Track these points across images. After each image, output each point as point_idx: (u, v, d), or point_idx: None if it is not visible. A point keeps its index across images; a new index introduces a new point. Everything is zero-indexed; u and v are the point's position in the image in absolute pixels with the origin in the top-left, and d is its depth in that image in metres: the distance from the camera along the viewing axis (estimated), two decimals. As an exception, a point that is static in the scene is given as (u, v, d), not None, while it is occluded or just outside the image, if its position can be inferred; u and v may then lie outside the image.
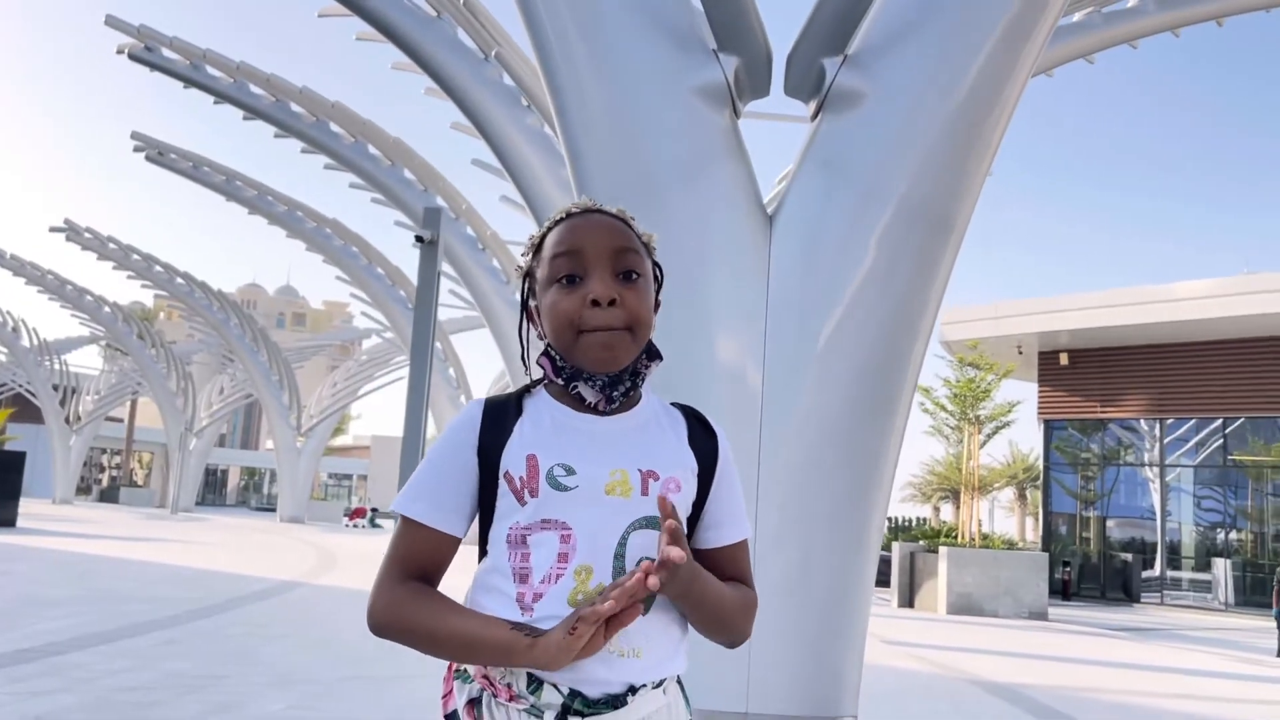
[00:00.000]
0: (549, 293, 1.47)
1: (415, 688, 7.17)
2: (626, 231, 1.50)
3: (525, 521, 1.41)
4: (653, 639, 1.40)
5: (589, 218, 1.50)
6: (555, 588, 1.38)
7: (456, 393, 30.33)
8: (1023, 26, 5.48)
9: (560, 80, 5.95)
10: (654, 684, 1.40)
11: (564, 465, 1.41)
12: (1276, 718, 8.44)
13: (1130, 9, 13.73)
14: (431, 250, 10.12)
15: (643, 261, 1.49)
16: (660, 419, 1.54)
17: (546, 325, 1.48)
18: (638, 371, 1.49)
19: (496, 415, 1.49)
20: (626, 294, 1.44)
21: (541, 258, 1.51)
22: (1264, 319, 20.53)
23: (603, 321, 1.42)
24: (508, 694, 1.37)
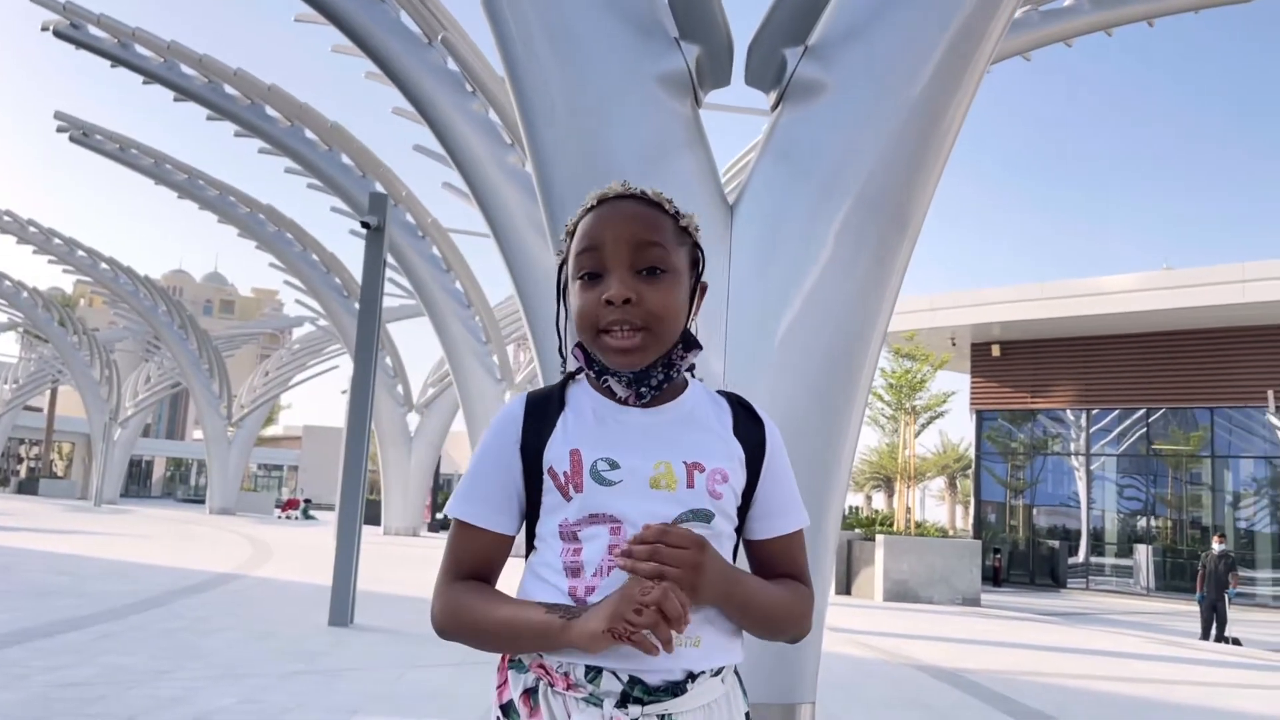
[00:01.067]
0: (574, 287, 1.44)
1: (366, 680, 7.08)
2: (652, 222, 1.43)
3: (574, 517, 1.40)
4: (710, 627, 1.39)
5: (615, 207, 1.43)
6: (608, 580, 1.37)
7: (394, 382, 29.94)
8: (980, 19, 5.56)
9: (520, 67, 5.89)
10: (713, 672, 1.39)
11: (608, 459, 1.40)
12: (1203, 697, 8.75)
13: (1066, 8, 14.03)
14: (378, 237, 9.97)
15: (668, 255, 1.42)
16: (705, 408, 1.50)
17: (573, 320, 1.45)
18: (671, 363, 1.45)
19: (539, 410, 1.47)
20: (646, 291, 1.38)
21: (572, 248, 1.47)
22: (1183, 313, 21.19)
23: (618, 320, 1.38)
24: (565, 683, 1.35)
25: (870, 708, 7.13)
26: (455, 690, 6.91)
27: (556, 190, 5.86)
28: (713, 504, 1.41)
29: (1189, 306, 20.79)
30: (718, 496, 1.42)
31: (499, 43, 5.95)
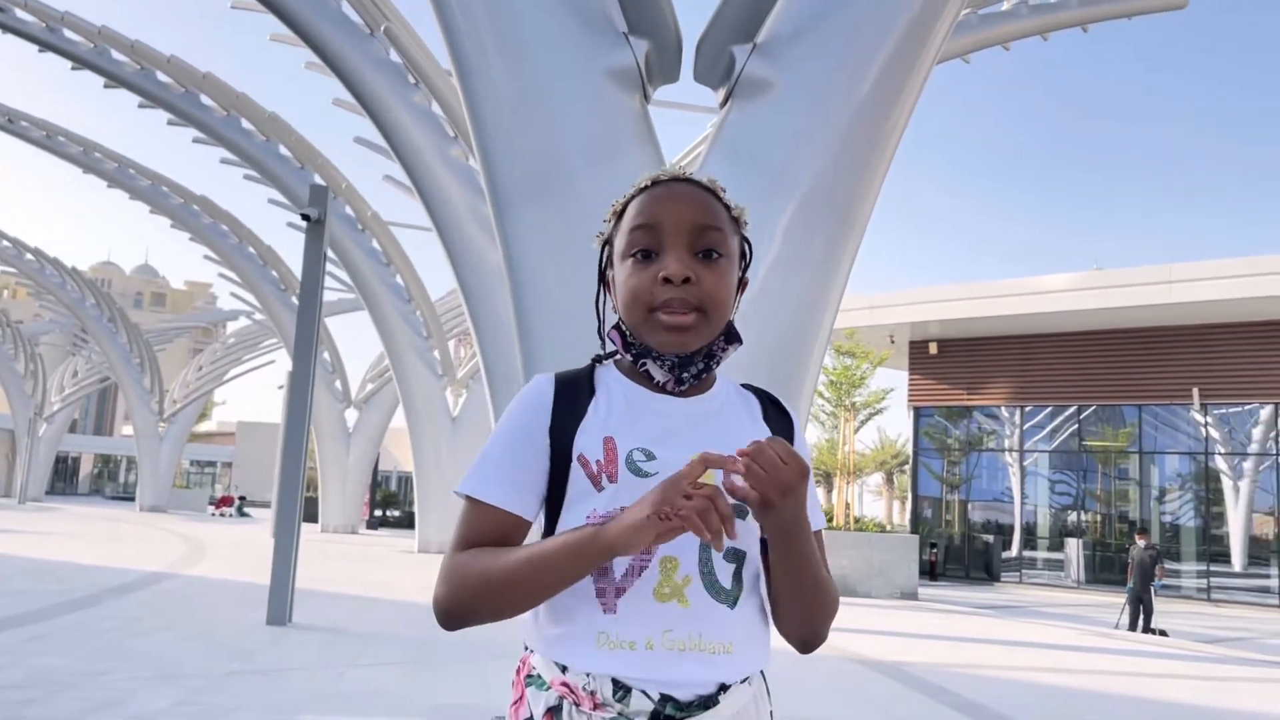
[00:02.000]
0: (624, 266, 1.40)
1: (306, 679, 6.97)
2: (712, 206, 1.41)
3: (604, 509, 1.33)
4: (742, 634, 1.34)
5: (673, 188, 1.41)
6: (640, 580, 1.31)
7: (332, 377, 29.50)
8: (925, 20, 5.65)
9: (467, 60, 5.85)
10: (742, 679, 1.34)
11: (643, 450, 1.34)
12: (1132, 687, 8.98)
13: (1005, 12, 14.28)
14: (318, 229, 9.80)
15: (726, 240, 1.40)
16: (735, 402, 1.47)
17: (619, 299, 1.42)
18: (712, 354, 1.41)
19: (569, 393, 1.41)
20: (703, 273, 1.36)
21: (620, 227, 1.43)
22: (1113, 312, 21.70)
23: (675, 299, 1.34)
24: (591, 702, 1.28)
25: (812, 701, 7.20)
26: (399, 689, 6.83)
27: (504, 184, 5.83)
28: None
29: (1118, 306, 21.30)
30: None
31: (446, 35, 5.90)
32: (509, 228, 5.78)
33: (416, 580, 15.10)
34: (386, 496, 42.25)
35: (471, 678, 7.40)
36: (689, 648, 1.29)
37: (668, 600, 1.30)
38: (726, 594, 1.33)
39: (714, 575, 1.33)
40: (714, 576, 1.33)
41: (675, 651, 1.29)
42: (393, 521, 38.18)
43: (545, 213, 5.68)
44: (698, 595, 1.31)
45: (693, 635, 1.30)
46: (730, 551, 1.34)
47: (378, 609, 11.34)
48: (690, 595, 1.31)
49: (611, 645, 1.29)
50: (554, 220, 5.68)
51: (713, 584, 1.33)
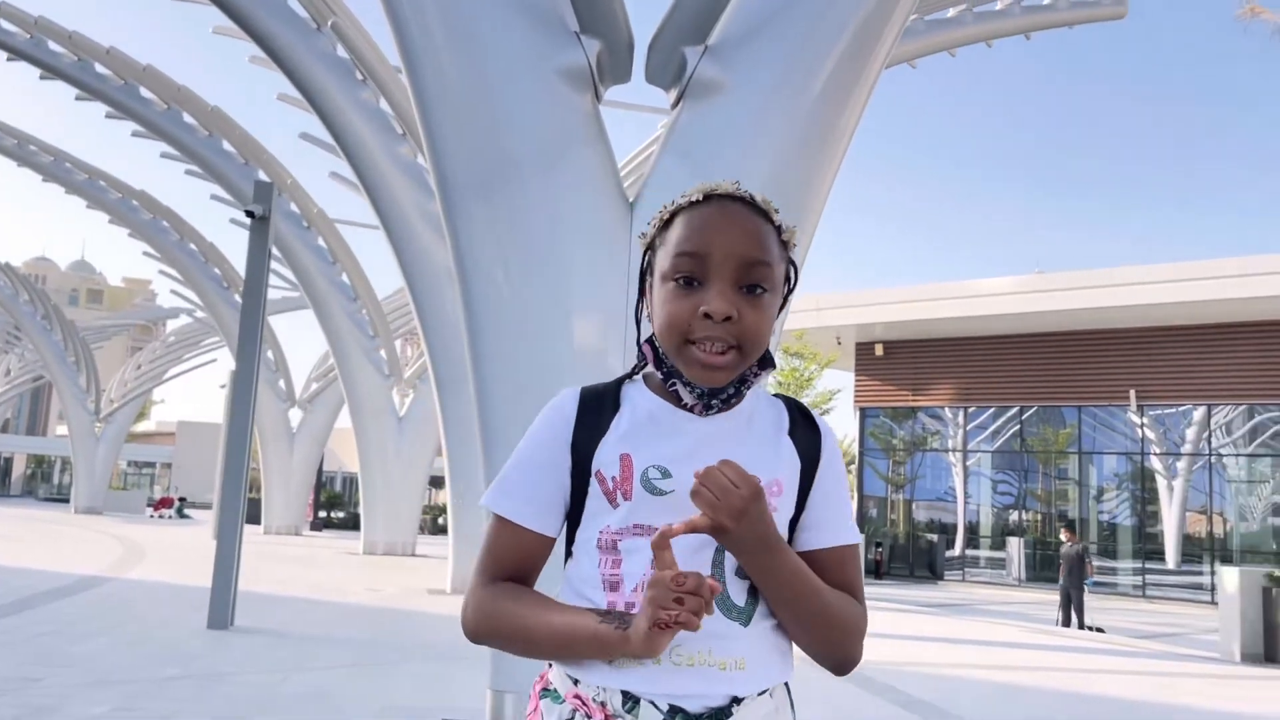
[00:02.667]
0: (665, 288, 1.35)
1: (248, 684, 6.85)
2: (763, 237, 1.34)
3: (617, 526, 1.33)
4: (756, 650, 1.33)
5: (725, 211, 1.34)
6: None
7: (275, 376, 29.03)
8: (875, 24, 5.69)
9: (417, 57, 5.77)
10: (759, 692, 1.32)
11: (660, 468, 1.33)
12: (1073, 683, 9.15)
13: (950, 19, 14.48)
14: (262, 226, 9.64)
15: (772, 274, 1.35)
16: (764, 413, 1.44)
17: (655, 320, 1.37)
18: (744, 379, 1.38)
19: (592, 408, 1.39)
20: (745, 310, 1.31)
21: (666, 240, 1.37)
22: (1054, 315, 22.12)
23: (713, 336, 1.31)
24: (602, 713, 1.28)
25: (761, 700, 7.23)
26: (344, 692, 6.75)
27: (453, 182, 5.77)
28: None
29: (1059, 309, 21.72)
30: (773, 510, 1.34)
31: (395, 31, 5.83)
32: (458, 227, 5.72)
33: (362, 582, 14.93)
34: (331, 497, 41.72)
35: (419, 679, 7.32)
36: (698, 663, 1.29)
37: None
38: (740, 611, 1.33)
39: (726, 593, 1.33)
40: (726, 594, 1.33)
41: (685, 666, 1.29)
42: (337, 523, 37.69)
43: (495, 212, 5.63)
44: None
45: (702, 651, 1.30)
46: (743, 569, 1.33)
47: (323, 611, 11.19)
48: None
49: (620, 661, 1.29)
50: (504, 219, 5.64)
51: (724, 601, 1.32)
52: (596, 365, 5.52)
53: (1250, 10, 13.15)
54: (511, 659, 5.50)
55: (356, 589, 13.83)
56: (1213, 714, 7.97)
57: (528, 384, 5.60)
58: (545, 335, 5.58)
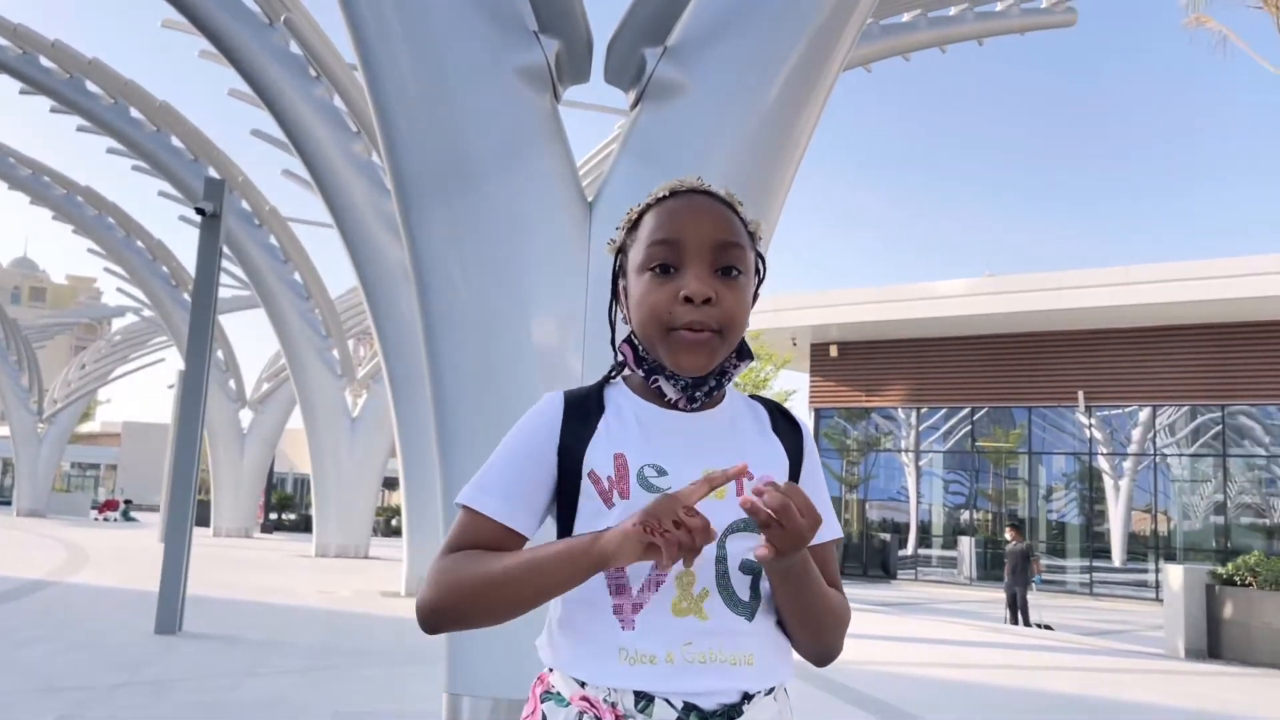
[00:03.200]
0: (641, 280, 1.36)
1: (198, 690, 6.74)
2: (733, 222, 1.38)
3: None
4: (762, 646, 1.34)
5: (693, 201, 1.38)
6: (658, 595, 1.30)
7: (225, 377, 28.59)
8: (833, 26, 5.73)
9: (374, 54, 5.71)
10: (766, 691, 1.33)
11: (655, 466, 1.33)
12: (1024, 680, 9.29)
13: (904, 24, 14.63)
14: (213, 224, 9.49)
15: (745, 256, 1.37)
16: (744, 415, 1.46)
17: (633, 314, 1.38)
18: (724, 371, 1.39)
19: (578, 411, 1.39)
20: (724, 292, 1.33)
21: (637, 237, 1.40)
22: (1005, 317, 22.44)
23: (695, 320, 1.31)
24: (613, 715, 1.26)
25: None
26: (299, 697, 6.66)
27: (411, 182, 5.71)
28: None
29: (1010, 312, 22.04)
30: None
31: (351, 29, 5.76)
32: (415, 227, 5.67)
33: (314, 584, 14.74)
34: (282, 499, 41.17)
35: (374, 683, 7.24)
36: (710, 660, 1.29)
37: (685, 615, 1.30)
38: (744, 606, 1.33)
39: (731, 588, 1.33)
40: (731, 590, 1.33)
41: (697, 664, 1.28)
42: (289, 525, 37.23)
43: (453, 212, 5.59)
44: (716, 609, 1.31)
45: (712, 648, 1.30)
46: (746, 564, 1.34)
47: (275, 615, 11.03)
48: (708, 609, 1.31)
49: (632, 660, 1.28)
50: (462, 220, 5.60)
51: (730, 597, 1.32)
52: (555, 366, 5.50)
53: (1196, 20, 13.45)
54: (469, 660, 5.46)
55: (309, 592, 13.66)
56: (1160, 709, 8.13)
57: (486, 385, 5.56)
58: (503, 336, 5.54)
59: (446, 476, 5.61)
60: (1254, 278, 18.90)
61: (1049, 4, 15.22)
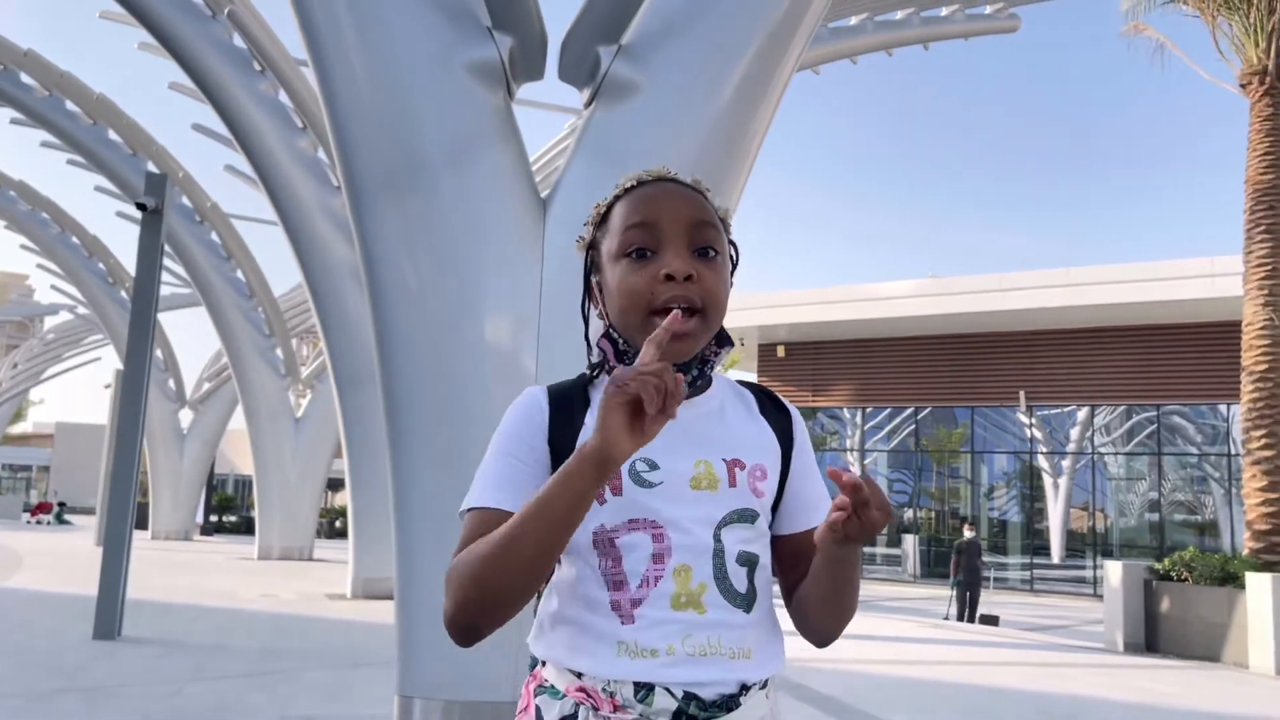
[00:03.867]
0: (617, 267, 1.35)
1: (139, 696, 6.58)
2: (705, 204, 1.37)
3: (611, 523, 1.30)
4: (758, 638, 1.32)
5: (664, 187, 1.37)
6: (656, 590, 1.28)
7: (165, 376, 28.00)
8: (787, 27, 5.75)
9: (324, 50, 5.62)
10: (760, 685, 1.32)
11: (645, 459, 1.30)
12: (971, 675, 9.43)
13: (853, 27, 14.77)
14: (155, 220, 9.28)
15: (721, 238, 1.37)
16: (733, 401, 1.44)
17: (612, 303, 1.36)
18: (706, 359, 1.38)
19: (564, 406, 1.36)
20: (704, 271, 1.32)
21: (608, 229, 1.38)
22: (949, 318, 22.77)
23: (678, 296, 1.30)
24: (611, 705, 1.25)
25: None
26: (243, 702, 6.53)
27: (361, 179, 5.63)
28: (757, 503, 1.35)
29: (953, 313, 22.37)
30: (760, 495, 1.35)
31: (301, 23, 5.66)
32: (366, 225, 5.59)
33: (258, 587, 14.49)
34: (223, 501, 40.45)
35: (322, 687, 7.13)
36: (709, 652, 1.28)
37: (684, 609, 1.28)
38: (742, 599, 1.31)
39: (729, 581, 1.31)
40: (729, 582, 1.31)
41: (697, 656, 1.27)
42: (229, 527, 36.58)
43: (405, 210, 5.52)
44: (714, 602, 1.29)
45: (712, 640, 1.28)
46: (742, 555, 1.32)
47: (217, 619, 10.82)
48: (706, 602, 1.29)
49: (632, 654, 1.26)
50: (414, 217, 5.53)
51: (728, 589, 1.31)
52: (509, 366, 5.46)
53: (1134, 28, 13.75)
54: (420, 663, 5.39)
55: (252, 595, 13.42)
56: (1103, 702, 8.29)
57: (438, 386, 5.50)
58: (456, 335, 5.48)
59: (398, 478, 5.54)
60: (1188, 280, 19.39)
61: (993, 10, 15.47)
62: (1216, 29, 12.70)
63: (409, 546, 5.52)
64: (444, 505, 5.49)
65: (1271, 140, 12.10)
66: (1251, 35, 12.31)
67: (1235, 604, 10.66)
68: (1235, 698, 8.78)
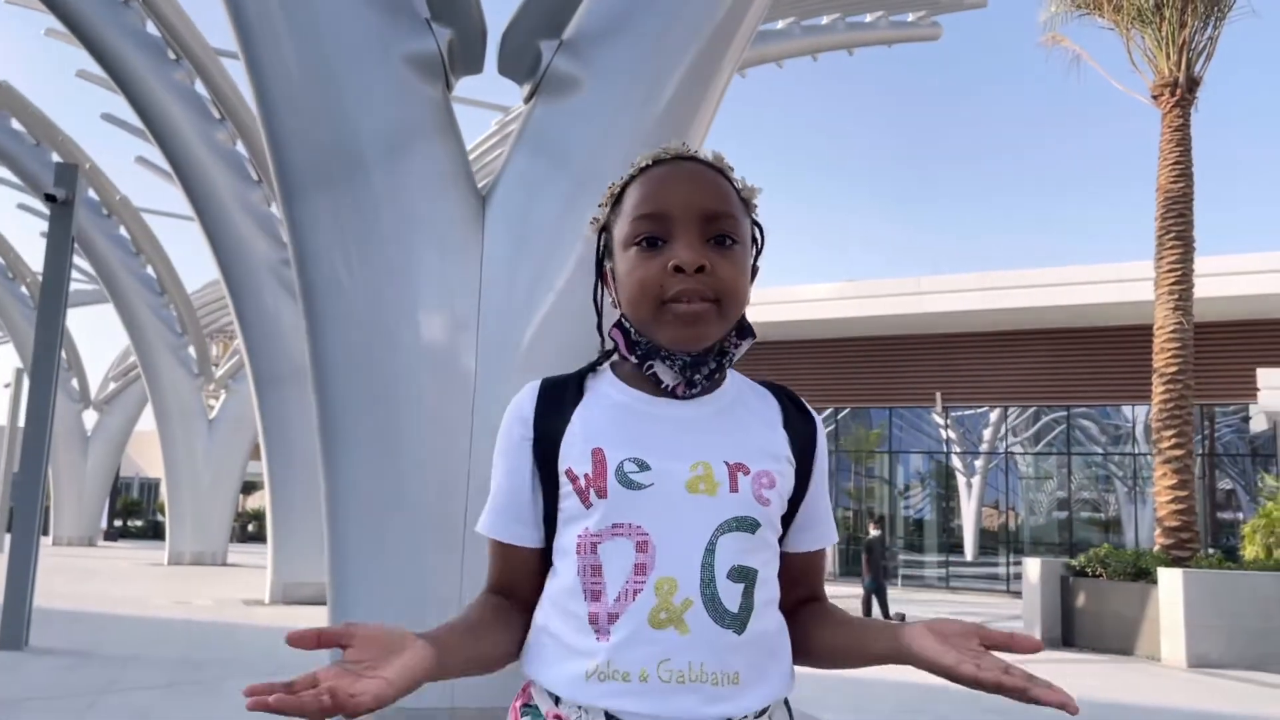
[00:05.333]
0: (627, 255, 1.25)
1: (49, 710, 6.28)
2: (724, 189, 1.27)
3: (595, 528, 1.20)
4: (751, 662, 1.20)
5: (680, 168, 1.27)
6: (634, 605, 1.17)
7: (68, 375, 26.96)
8: (728, 26, 5.75)
9: (254, 40, 5.45)
10: (755, 714, 1.20)
11: (636, 460, 1.21)
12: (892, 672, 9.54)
13: (779, 31, 14.90)
14: (65, 212, 8.89)
15: (739, 225, 1.26)
16: (749, 400, 1.33)
17: (622, 293, 1.27)
18: (725, 351, 1.28)
19: (553, 399, 1.27)
20: (718, 261, 1.23)
21: (621, 212, 1.28)
22: (866, 321, 23.11)
23: (689, 290, 1.21)
24: None
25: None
26: (161, 713, 6.27)
27: (293, 173, 5.46)
28: (760, 511, 1.23)
29: (871, 315, 22.73)
30: (765, 503, 1.23)
31: (230, 11, 5.48)
32: (298, 220, 5.42)
33: (170, 594, 14.01)
34: (128, 505, 39.12)
35: (243, 697, 6.89)
36: (689, 679, 1.16)
37: (664, 627, 1.17)
38: (733, 618, 1.19)
39: (717, 598, 1.19)
40: (717, 599, 1.19)
41: (674, 684, 1.16)
42: (135, 532, 35.40)
43: (338, 204, 5.37)
44: (699, 620, 1.17)
45: (693, 665, 1.16)
46: (736, 570, 1.20)
47: (129, 627, 10.41)
48: (690, 621, 1.17)
49: (603, 676, 1.16)
50: (348, 212, 5.38)
51: (716, 608, 1.18)
52: (447, 366, 5.34)
53: (1052, 38, 14.13)
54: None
55: (165, 602, 12.96)
56: (1024, 697, 8.47)
57: (372, 385, 5.36)
58: (391, 334, 5.35)
59: (331, 479, 5.38)
60: (1096, 285, 20.01)
61: (915, 18, 15.76)
62: (1130, 41, 13.13)
63: (341, 548, 5.37)
64: (378, 507, 5.35)
65: (1181, 150, 12.54)
66: (1163, 48, 12.75)
67: (1148, 599, 11.00)
68: (1151, 690, 9.05)
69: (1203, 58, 12.88)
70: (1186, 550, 11.73)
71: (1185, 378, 12.12)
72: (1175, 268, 12.31)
